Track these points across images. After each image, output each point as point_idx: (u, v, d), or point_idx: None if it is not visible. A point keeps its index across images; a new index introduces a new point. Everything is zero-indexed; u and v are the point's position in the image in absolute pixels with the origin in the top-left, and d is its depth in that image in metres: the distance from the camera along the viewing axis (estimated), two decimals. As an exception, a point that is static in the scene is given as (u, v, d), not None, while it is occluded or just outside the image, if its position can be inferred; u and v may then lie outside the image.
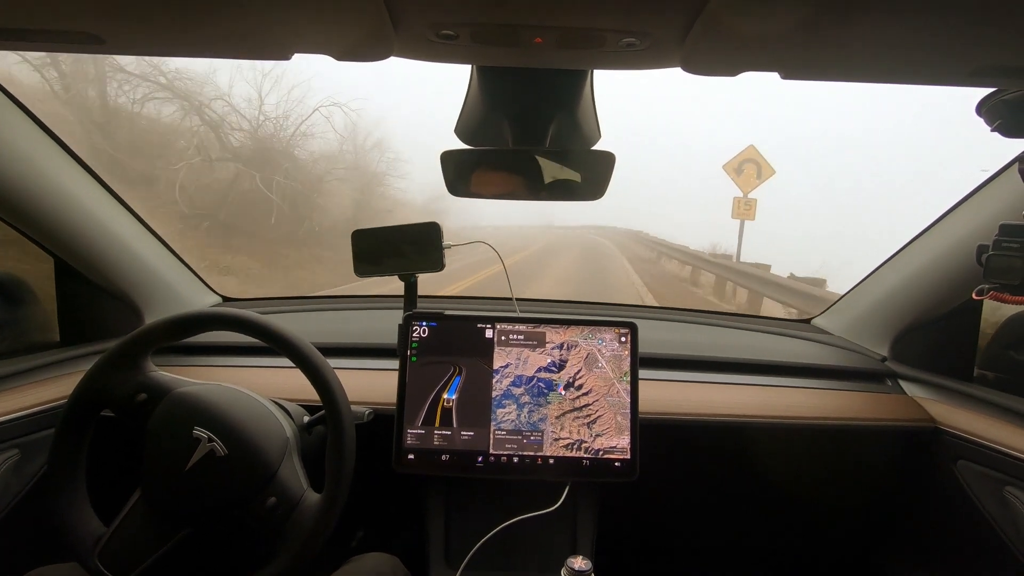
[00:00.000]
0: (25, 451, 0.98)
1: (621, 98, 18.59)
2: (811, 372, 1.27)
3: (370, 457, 0.95)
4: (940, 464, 1.13)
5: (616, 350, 1.02)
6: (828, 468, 1.24)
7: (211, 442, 0.78)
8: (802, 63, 0.57)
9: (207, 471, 0.78)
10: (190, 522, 0.79)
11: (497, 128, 0.88)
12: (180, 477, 0.78)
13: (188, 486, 0.78)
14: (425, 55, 0.62)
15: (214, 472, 0.78)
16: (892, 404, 1.19)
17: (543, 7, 0.49)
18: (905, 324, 1.27)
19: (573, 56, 0.63)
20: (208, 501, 0.78)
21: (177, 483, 0.78)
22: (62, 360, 1.11)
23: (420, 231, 1.09)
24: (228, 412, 0.82)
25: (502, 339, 1.03)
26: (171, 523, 0.79)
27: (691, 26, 0.50)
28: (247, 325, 0.85)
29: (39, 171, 1.00)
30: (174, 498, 0.79)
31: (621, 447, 0.99)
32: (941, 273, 1.16)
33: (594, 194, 0.92)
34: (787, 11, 0.46)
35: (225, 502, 0.78)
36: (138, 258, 1.22)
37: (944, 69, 0.56)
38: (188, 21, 0.53)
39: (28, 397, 1.01)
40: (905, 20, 0.46)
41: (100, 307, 1.22)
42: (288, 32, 0.56)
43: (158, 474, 0.80)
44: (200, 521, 0.79)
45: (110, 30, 0.55)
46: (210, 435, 0.79)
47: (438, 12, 0.51)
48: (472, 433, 1.00)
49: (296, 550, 0.77)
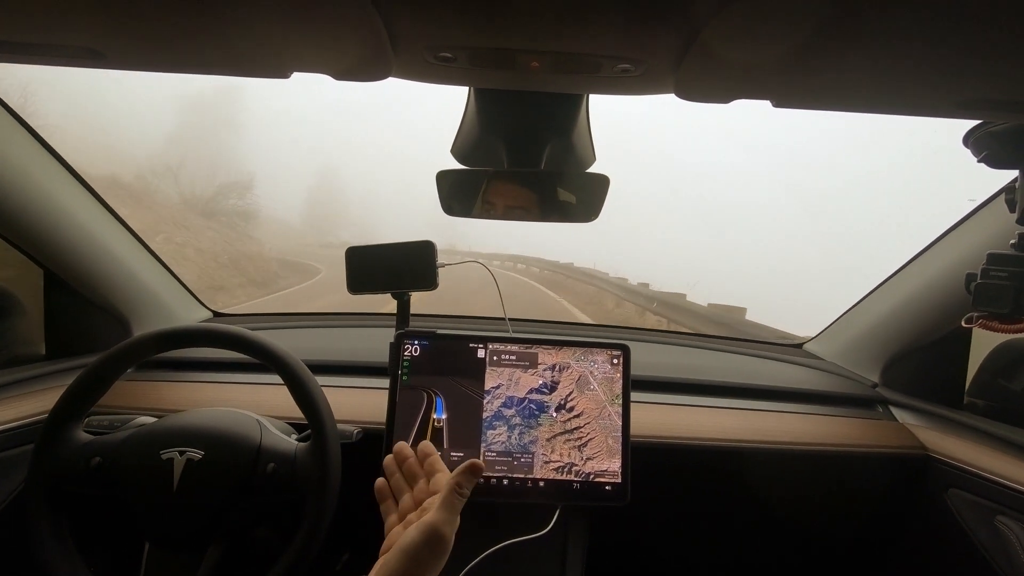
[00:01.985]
0: (4, 466, 0.96)
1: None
2: (802, 397, 1.27)
3: (358, 478, 0.94)
4: (931, 492, 1.12)
5: (608, 372, 1.02)
6: (818, 494, 1.23)
7: (183, 454, 0.78)
8: (794, 91, 0.58)
9: (196, 479, 0.78)
10: (210, 535, 0.78)
11: (493, 149, 0.89)
12: (175, 501, 0.77)
13: (186, 502, 0.77)
14: (422, 76, 0.63)
15: (203, 475, 0.78)
16: (883, 431, 1.19)
17: (540, 32, 0.50)
18: (895, 350, 1.28)
19: (569, 80, 0.64)
20: (215, 502, 0.77)
21: (175, 509, 0.77)
22: (45, 374, 1.10)
23: (414, 249, 1.09)
24: (185, 424, 0.82)
25: (494, 359, 1.02)
26: (193, 548, 0.78)
27: (685, 53, 0.51)
28: (231, 340, 0.84)
29: (32, 181, 1.00)
30: (181, 523, 0.77)
31: (612, 470, 0.98)
32: (931, 300, 1.17)
33: (588, 216, 0.93)
34: (779, 41, 0.47)
35: (229, 495, 0.78)
36: (128, 271, 1.21)
37: (932, 100, 0.58)
38: (188, 38, 0.54)
39: (10, 411, 0.99)
40: (895, 52, 0.47)
41: (88, 320, 1.21)
42: (287, 51, 0.56)
43: (154, 513, 0.78)
44: (221, 529, 0.78)
45: (111, 46, 0.56)
46: (179, 449, 0.78)
47: (436, 35, 0.52)
48: (462, 454, 0.99)
49: (315, 503, 0.78)
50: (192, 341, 0.86)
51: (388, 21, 0.48)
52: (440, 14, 0.48)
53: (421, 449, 0.69)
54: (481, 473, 0.63)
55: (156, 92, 10.23)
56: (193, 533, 0.78)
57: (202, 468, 0.78)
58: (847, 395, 1.28)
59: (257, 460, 0.80)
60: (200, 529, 0.78)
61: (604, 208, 0.91)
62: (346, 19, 0.48)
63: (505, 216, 0.94)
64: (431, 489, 0.67)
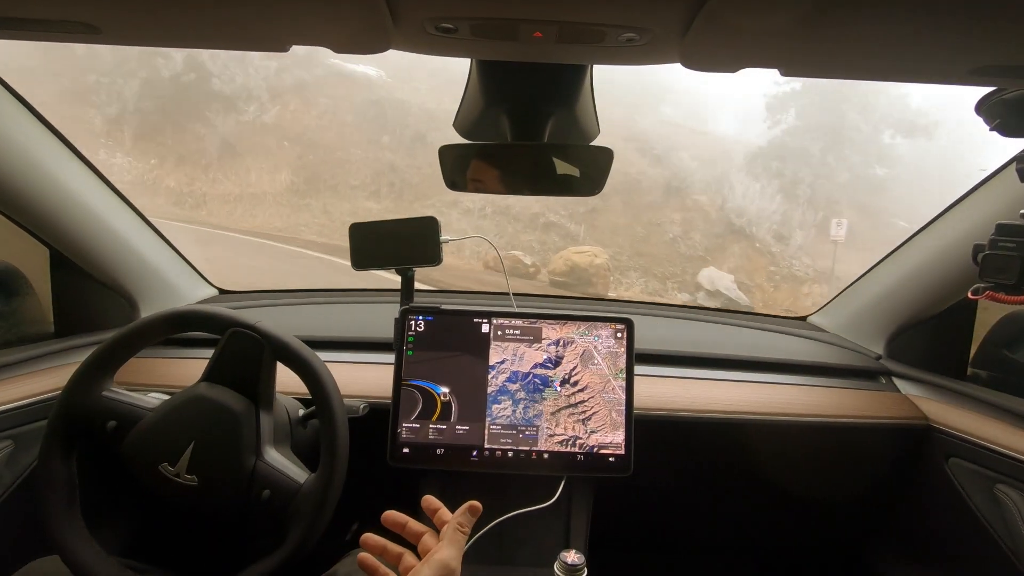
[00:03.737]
0: (19, 442, 0.98)
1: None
2: (806, 369, 1.27)
3: (366, 451, 0.95)
4: (932, 462, 1.13)
5: (612, 346, 1.02)
6: (822, 465, 1.24)
7: (177, 476, 0.79)
8: (802, 60, 0.57)
9: (184, 498, 0.79)
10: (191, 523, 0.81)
11: (496, 122, 0.88)
12: (165, 506, 0.80)
13: (176, 508, 0.80)
14: (424, 48, 0.61)
15: (192, 498, 0.79)
16: (886, 402, 1.19)
17: (542, 1, 0.49)
18: (900, 322, 1.28)
19: (572, 51, 0.63)
20: (208, 517, 0.80)
21: (164, 508, 0.80)
22: (56, 351, 1.11)
23: (418, 225, 1.09)
24: (188, 437, 0.80)
25: (498, 334, 1.03)
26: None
27: (691, 22, 0.49)
28: (222, 322, 0.84)
29: (35, 161, 1.00)
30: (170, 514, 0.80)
31: (616, 443, 0.99)
32: (937, 272, 1.16)
33: (591, 189, 0.92)
34: (788, 7, 0.46)
35: (214, 513, 0.80)
36: (134, 250, 1.22)
37: (943, 68, 0.56)
38: (185, 11, 0.53)
39: (21, 388, 1.00)
40: (905, 18, 0.46)
41: (95, 298, 1.22)
42: (285, 23, 0.55)
43: (148, 495, 0.81)
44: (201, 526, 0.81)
45: (107, 20, 0.55)
46: (175, 472, 0.79)
47: (437, 5, 0.51)
48: (467, 428, 1.00)
49: (297, 536, 0.78)
50: (201, 326, 0.86)
51: None
52: None
53: (427, 505, 0.68)
54: (479, 513, 0.64)
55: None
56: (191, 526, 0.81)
57: (192, 491, 0.79)
58: (851, 367, 1.29)
59: (250, 486, 0.79)
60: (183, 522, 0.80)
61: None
62: None
63: (508, 191, 0.93)
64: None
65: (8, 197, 0.99)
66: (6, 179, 0.97)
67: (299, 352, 0.84)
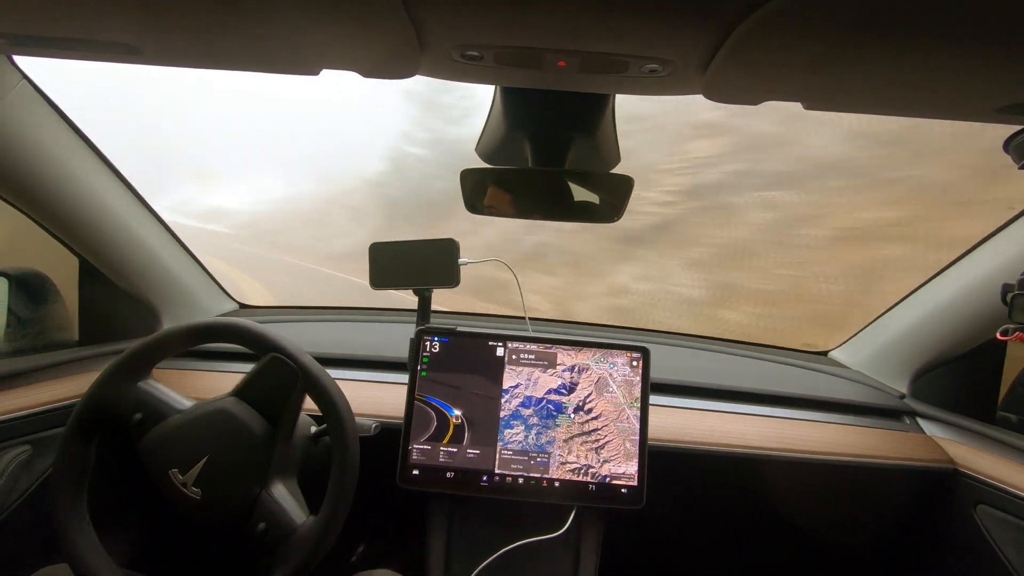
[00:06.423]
0: (36, 447, 0.99)
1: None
2: (826, 406, 1.24)
3: (375, 471, 0.95)
4: (959, 508, 1.09)
5: (628, 375, 1.01)
6: (841, 506, 1.20)
7: (183, 487, 0.79)
8: (825, 93, 0.57)
9: (185, 508, 0.80)
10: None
11: (518, 148, 0.89)
12: (167, 508, 0.81)
13: (177, 514, 0.81)
14: (449, 74, 0.63)
15: (192, 511, 0.80)
16: (910, 443, 1.16)
17: (567, 32, 0.50)
18: (926, 361, 1.24)
19: (595, 80, 0.64)
20: (198, 527, 0.81)
21: (170, 521, 0.81)
22: (78, 359, 1.13)
23: (437, 247, 1.10)
24: (204, 450, 0.81)
25: (513, 358, 1.02)
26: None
27: (714, 54, 0.50)
28: (238, 334, 0.86)
29: (71, 174, 1.03)
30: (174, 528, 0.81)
31: (629, 474, 0.97)
32: (965, 310, 1.13)
33: (611, 217, 0.92)
34: (811, 41, 0.46)
35: (211, 530, 0.80)
36: (160, 262, 1.24)
37: (970, 105, 0.56)
38: (222, 35, 0.55)
39: (42, 394, 1.02)
40: (931, 54, 0.45)
41: (119, 308, 1.24)
42: (317, 48, 0.57)
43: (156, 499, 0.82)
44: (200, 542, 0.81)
45: (148, 42, 0.57)
46: (183, 481, 0.80)
47: (464, 33, 0.52)
48: (478, 452, 0.99)
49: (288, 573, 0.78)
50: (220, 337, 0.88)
51: (416, 19, 0.49)
52: (468, 12, 0.48)
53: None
54: None
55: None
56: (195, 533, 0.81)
57: (194, 503, 0.80)
58: (873, 405, 1.25)
59: (249, 516, 0.80)
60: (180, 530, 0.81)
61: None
62: (375, 17, 0.49)
63: (528, 215, 0.94)
64: None
65: (45, 208, 1.03)
66: (43, 190, 1.00)
67: (329, 392, 0.84)
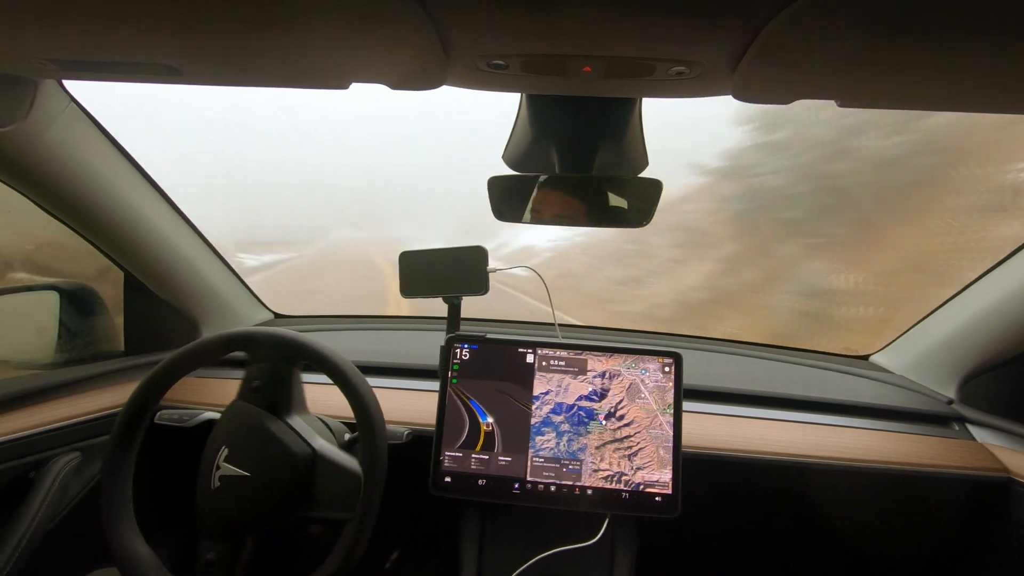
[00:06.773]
0: (86, 454, 1.04)
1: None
2: (870, 412, 1.20)
3: (408, 478, 0.96)
4: (1013, 519, 1.03)
5: (660, 381, 1.00)
6: (885, 516, 1.16)
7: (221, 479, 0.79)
8: (861, 90, 0.56)
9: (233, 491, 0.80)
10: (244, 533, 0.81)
11: (545, 155, 0.89)
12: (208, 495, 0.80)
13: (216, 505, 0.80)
14: (476, 84, 0.64)
15: (239, 492, 0.80)
16: (959, 450, 1.11)
17: (592, 37, 0.50)
18: (975, 365, 1.19)
19: (622, 85, 0.64)
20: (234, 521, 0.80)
21: (206, 502, 0.80)
22: (125, 368, 1.18)
23: (466, 255, 1.10)
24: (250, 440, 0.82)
25: (543, 364, 1.02)
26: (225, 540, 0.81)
27: (743, 54, 0.49)
28: (280, 343, 0.87)
29: (117, 192, 1.07)
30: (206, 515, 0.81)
31: (663, 481, 0.96)
32: (1016, 311, 1.08)
33: (640, 222, 0.91)
34: (843, 39, 0.45)
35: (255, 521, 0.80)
36: (199, 275, 1.29)
37: (1014, 97, 0.54)
38: (257, 54, 0.57)
39: (92, 402, 1.07)
40: (973, 46, 0.44)
41: (162, 319, 1.29)
42: (347, 63, 0.58)
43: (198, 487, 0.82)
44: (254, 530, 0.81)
45: (187, 63, 0.60)
46: (228, 467, 0.80)
47: (489, 43, 0.52)
48: (510, 459, 0.99)
49: (362, 504, 0.78)
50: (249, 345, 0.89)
51: (442, 31, 0.50)
52: (492, 22, 0.49)
53: None
54: None
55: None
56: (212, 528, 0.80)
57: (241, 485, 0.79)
58: (920, 411, 1.20)
59: (312, 469, 0.80)
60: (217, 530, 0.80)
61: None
62: (402, 31, 0.50)
63: (556, 222, 0.94)
64: None
65: (94, 225, 1.08)
66: (93, 209, 1.04)
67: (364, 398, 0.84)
